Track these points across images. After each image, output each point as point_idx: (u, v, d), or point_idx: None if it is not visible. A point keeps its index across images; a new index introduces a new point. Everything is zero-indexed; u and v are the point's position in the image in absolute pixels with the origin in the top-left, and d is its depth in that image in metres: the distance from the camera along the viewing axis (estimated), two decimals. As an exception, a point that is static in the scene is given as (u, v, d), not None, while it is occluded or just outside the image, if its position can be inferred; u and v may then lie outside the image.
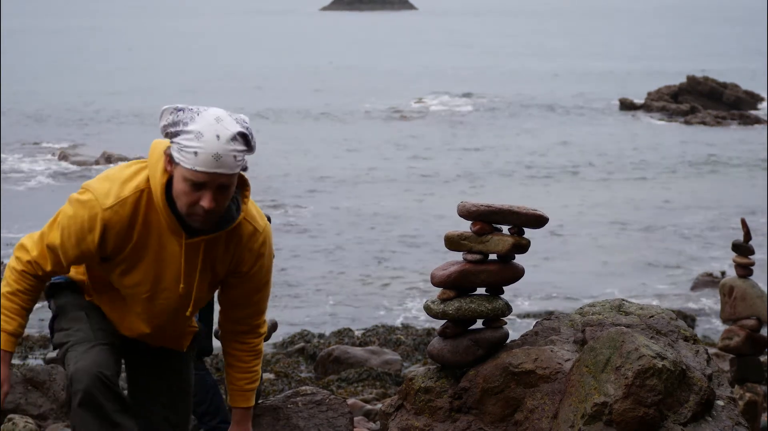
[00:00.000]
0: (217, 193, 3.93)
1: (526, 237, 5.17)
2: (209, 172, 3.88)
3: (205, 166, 3.87)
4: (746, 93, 45.34)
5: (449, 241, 5.18)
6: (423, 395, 5.27)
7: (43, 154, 33.31)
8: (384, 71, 60.09)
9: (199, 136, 3.86)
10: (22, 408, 7.88)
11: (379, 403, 10.51)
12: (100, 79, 57.07)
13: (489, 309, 5.17)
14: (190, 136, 3.88)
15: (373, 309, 17.33)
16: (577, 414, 4.87)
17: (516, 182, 29.50)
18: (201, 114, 3.92)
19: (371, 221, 24.13)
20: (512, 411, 5.13)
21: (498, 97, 51.05)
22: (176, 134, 3.94)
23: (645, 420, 4.79)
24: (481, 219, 5.13)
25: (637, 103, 46.58)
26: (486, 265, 5.16)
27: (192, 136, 3.88)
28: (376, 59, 70.92)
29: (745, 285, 8.69)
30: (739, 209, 25.35)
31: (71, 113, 44.33)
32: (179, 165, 3.93)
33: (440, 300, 5.20)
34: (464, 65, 68.35)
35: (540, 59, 74.12)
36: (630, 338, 4.94)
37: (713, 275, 18.66)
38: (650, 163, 32.70)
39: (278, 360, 13.54)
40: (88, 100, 48.01)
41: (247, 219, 4.19)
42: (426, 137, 38.53)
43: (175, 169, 3.97)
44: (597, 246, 21.97)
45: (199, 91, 52.52)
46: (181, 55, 75.89)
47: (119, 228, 4.07)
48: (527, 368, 5.11)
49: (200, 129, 3.87)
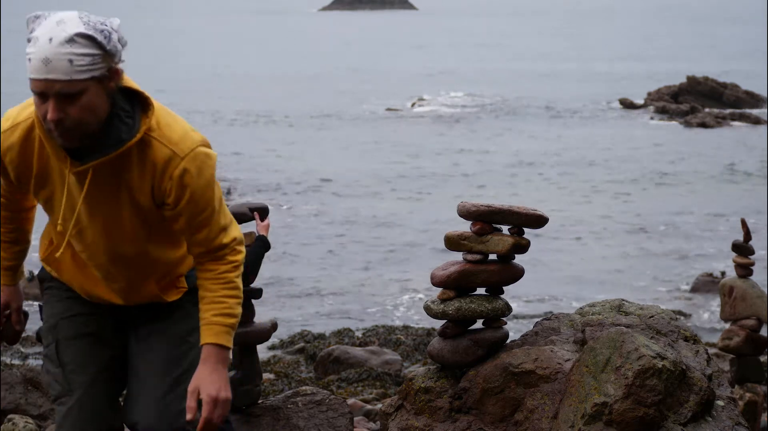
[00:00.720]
0: (62, 102, 3.48)
1: (526, 238, 5.17)
2: (40, 78, 3.45)
3: (36, 72, 3.46)
4: (746, 93, 45.35)
5: (449, 241, 5.18)
6: (423, 395, 5.26)
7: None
8: (384, 71, 60.11)
9: (35, 41, 3.47)
10: (22, 408, 7.88)
11: (379, 403, 10.51)
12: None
13: (489, 309, 5.17)
14: (30, 43, 3.49)
15: (373, 310, 17.34)
16: (577, 414, 4.87)
17: (516, 182, 29.50)
18: (48, 18, 3.51)
19: (371, 221, 24.14)
20: (512, 412, 5.13)
21: (498, 97, 51.06)
22: (28, 40, 3.52)
23: (645, 420, 4.79)
24: (481, 219, 5.13)
25: (637, 103, 46.59)
26: (486, 265, 5.16)
27: (30, 43, 3.49)
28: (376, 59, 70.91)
29: (745, 286, 8.69)
30: (739, 209, 25.36)
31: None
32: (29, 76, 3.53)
33: (440, 301, 5.20)
34: (464, 65, 68.36)
35: (540, 59, 74.14)
36: (630, 338, 4.94)
37: (713, 275, 18.66)
38: (650, 164, 32.71)
39: (278, 361, 13.55)
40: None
41: (161, 142, 3.65)
42: (426, 138, 38.53)
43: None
44: (597, 246, 21.97)
45: (198, 90, 52.53)
46: (181, 55, 75.91)
47: (14, 154, 3.71)
48: (527, 368, 5.11)
49: (38, 34, 3.46)
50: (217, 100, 49.69)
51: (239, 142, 36.76)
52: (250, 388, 6.99)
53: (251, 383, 6.96)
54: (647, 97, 46.72)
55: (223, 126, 41.62)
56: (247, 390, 6.95)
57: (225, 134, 38.27)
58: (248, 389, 6.89)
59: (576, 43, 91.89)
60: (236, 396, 6.84)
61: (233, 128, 40.69)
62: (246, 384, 6.96)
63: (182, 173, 3.65)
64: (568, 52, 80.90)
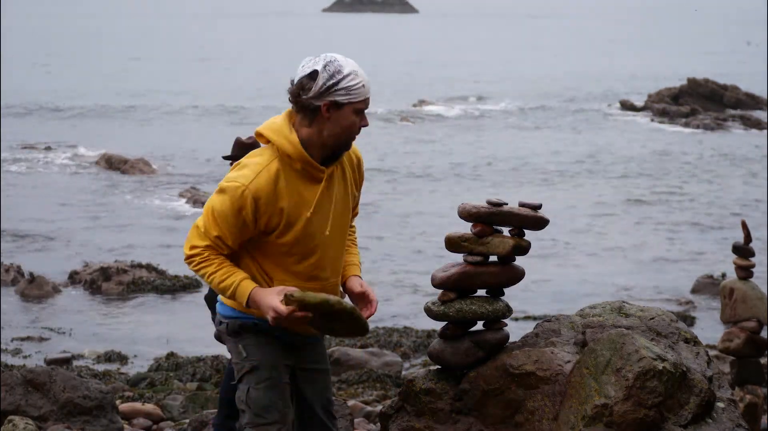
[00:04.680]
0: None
1: (527, 239, 5.17)
2: (367, 97, 4.72)
3: (366, 94, 4.71)
4: (747, 95, 45.34)
5: (450, 243, 5.18)
6: (424, 397, 5.26)
7: (44, 155, 33.31)
8: (384, 73, 60.12)
9: (356, 73, 4.67)
10: (22, 409, 7.87)
11: (379, 405, 10.51)
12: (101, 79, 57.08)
13: (489, 310, 5.17)
14: (351, 76, 4.65)
15: (373, 311, 17.31)
16: (577, 415, 4.87)
17: (516, 183, 29.51)
18: (337, 59, 4.71)
19: (371, 222, 24.13)
20: (513, 413, 5.13)
21: (498, 98, 51.07)
22: (337, 83, 4.64)
23: (645, 421, 4.79)
24: (482, 220, 5.13)
25: (638, 104, 46.60)
26: (486, 267, 5.16)
27: (352, 76, 4.65)
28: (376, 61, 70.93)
29: (745, 287, 8.69)
30: (739, 210, 25.35)
31: (71, 114, 44.35)
32: (348, 104, 4.65)
33: (441, 302, 5.20)
34: (464, 67, 68.37)
35: (540, 61, 74.15)
36: (630, 340, 4.94)
37: (713, 277, 18.65)
38: (650, 164, 32.70)
39: (278, 362, 13.52)
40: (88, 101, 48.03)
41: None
42: (426, 139, 38.54)
43: (337, 112, 4.65)
44: (597, 248, 21.96)
45: (198, 91, 52.54)
46: (181, 56, 75.92)
47: (266, 195, 4.62)
48: (528, 370, 5.11)
49: (352, 69, 4.67)
50: (216, 100, 49.68)
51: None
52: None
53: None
54: (648, 99, 46.71)
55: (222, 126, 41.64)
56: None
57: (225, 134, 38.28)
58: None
59: (576, 45, 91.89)
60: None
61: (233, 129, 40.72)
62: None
63: (360, 161, 4.96)
64: (568, 54, 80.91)
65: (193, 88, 54.52)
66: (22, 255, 19.95)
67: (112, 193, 27.26)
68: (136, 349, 14.63)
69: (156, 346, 14.71)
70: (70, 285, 18.07)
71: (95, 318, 16.46)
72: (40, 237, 21.80)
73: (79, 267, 18.65)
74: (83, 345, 14.80)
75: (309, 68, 4.70)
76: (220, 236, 4.64)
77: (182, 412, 9.75)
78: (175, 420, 9.53)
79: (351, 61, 4.72)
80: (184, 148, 34.83)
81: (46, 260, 19.87)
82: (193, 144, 36.05)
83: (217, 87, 55.23)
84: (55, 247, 21.12)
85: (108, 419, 8.04)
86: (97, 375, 12.52)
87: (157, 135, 39.03)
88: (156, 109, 46.39)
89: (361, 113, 4.72)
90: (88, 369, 12.90)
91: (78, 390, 8.01)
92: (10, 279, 17.86)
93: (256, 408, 4.71)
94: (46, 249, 20.94)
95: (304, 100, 4.69)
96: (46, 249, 20.94)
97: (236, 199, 4.60)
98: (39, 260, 19.71)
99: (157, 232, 22.64)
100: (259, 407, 4.70)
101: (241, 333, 4.78)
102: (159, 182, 28.82)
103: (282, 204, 4.65)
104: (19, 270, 18.25)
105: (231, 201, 4.61)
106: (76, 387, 8.02)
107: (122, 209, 25.20)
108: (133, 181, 28.97)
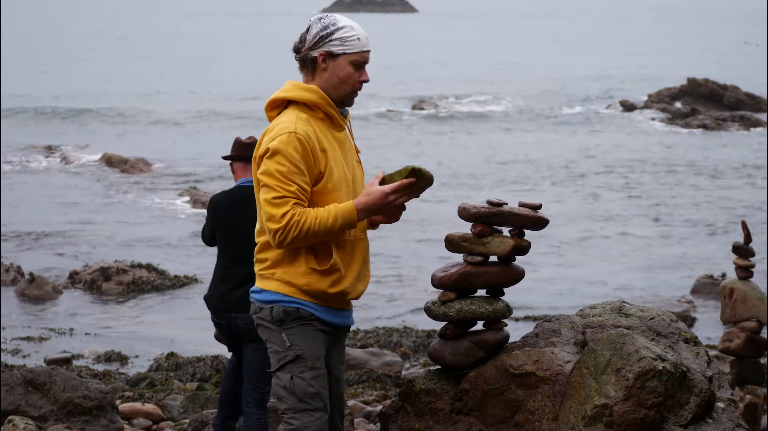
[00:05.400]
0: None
1: (527, 239, 5.17)
2: (366, 50, 4.83)
3: (364, 46, 4.82)
4: (747, 95, 45.32)
5: (450, 243, 5.18)
6: (424, 397, 5.26)
7: (44, 155, 33.31)
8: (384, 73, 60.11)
9: (348, 26, 4.79)
10: (22, 409, 7.87)
11: (379, 405, 10.51)
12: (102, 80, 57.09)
13: (489, 310, 5.17)
14: (346, 29, 4.77)
15: (373, 311, 17.31)
16: (577, 415, 4.87)
17: (516, 183, 29.51)
18: (334, 15, 4.84)
19: (371, 223, 24.14)
20: (513, 413, 5.13)
21: (498, 99, 51.07)
22: (331, 33, 4.76)
23: (645, 422, 4.79)
24: (482, 221, 5.12)
25: (638, 105, 46.60)
26: (487, 267, 5.15)
27: (347, 29, 4.78)
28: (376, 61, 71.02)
29: (745, 287, 8.70)
30: (739, 210, 25.36)
31: (71, 114, 44.34)
32: (343, 54, 4.76)
33: (441, 302, 5.20)
34: (464, 68, 68.38)
35: (539, 61, 74.14)
36: (630, 340, 4.94)
37: (714, 277, 18.65)
38: (650, 165, 32.70)
39: (278, 362, 13.51)
40: (88, 101, 48.03)
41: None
42: (425, 139, 38.54)
43: (333, 62, 4.77)
44: (598, 248, 21.97)
45: (198, 91, 52.56)
46: (180, 56, 75.93)
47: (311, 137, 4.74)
48: (528, 370, 5.11)
49: (348, 23, 4.80)
50: (217, 101, 49.70)
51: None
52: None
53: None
54: (648, 99, 46.71)
55: (223, 126, 41.64)
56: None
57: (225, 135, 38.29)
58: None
59: (576, 45, 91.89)
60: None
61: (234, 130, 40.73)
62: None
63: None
64: (568, 54, 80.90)
65: (193, 88, 54.52)
66: (22, 255, 19.95)
67: (112, 193, 27.26)
68: (136, 349, 14.62)
69: (156, 346, 14.71)
70: (70, 285, 18.06)
71: (95, 318, 16.45)
72: (40, 238, 21.80)
73: (79, 268, 18.65)
74: (83, 345, 14.80)
75: (308, 25, 4.88)
76: (299, 187, 4.71)
77: (182, 412, 9.75)
78: (175, 420, 9.54)
79: (350, 20, 4.84)
80: (184, 148, 34.83)
81: (46, 260, 19.87)
82: (193, 144, 36.06)
83: (218, 87, 55.21)
84: (55, 247, 21.12)
85: (108, 419, 8.04)
86: (97, 375, 12.51)
87: (158, 135, 39.04)
88: (156, 109, 46.39)
89: (360, 67, 4.82)
90: (88, 370, 12.90)
91: (78, 390, 8.01)
92: (10, 279, 17.86)
93: (301, 394, 4.78)
94: (46, 250, 20.94)
95: (303, 54, 4.85)
96: (46, 250, 20.94)
97: (294, 143, 4.70)
98: (39, 260, 19.71)
99: (158, 232, 22.64)
100: (304, 394, 4.78)
101: (285, 321, 4.80)
102: (159, 182, 28.82)
103: (324, 145, 4.79)
104: (19, 270, 18.25)
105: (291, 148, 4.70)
106: (76, 387, 8.02)
107: (122, 209, 25.21)
108: (133, 180, 28.98)
